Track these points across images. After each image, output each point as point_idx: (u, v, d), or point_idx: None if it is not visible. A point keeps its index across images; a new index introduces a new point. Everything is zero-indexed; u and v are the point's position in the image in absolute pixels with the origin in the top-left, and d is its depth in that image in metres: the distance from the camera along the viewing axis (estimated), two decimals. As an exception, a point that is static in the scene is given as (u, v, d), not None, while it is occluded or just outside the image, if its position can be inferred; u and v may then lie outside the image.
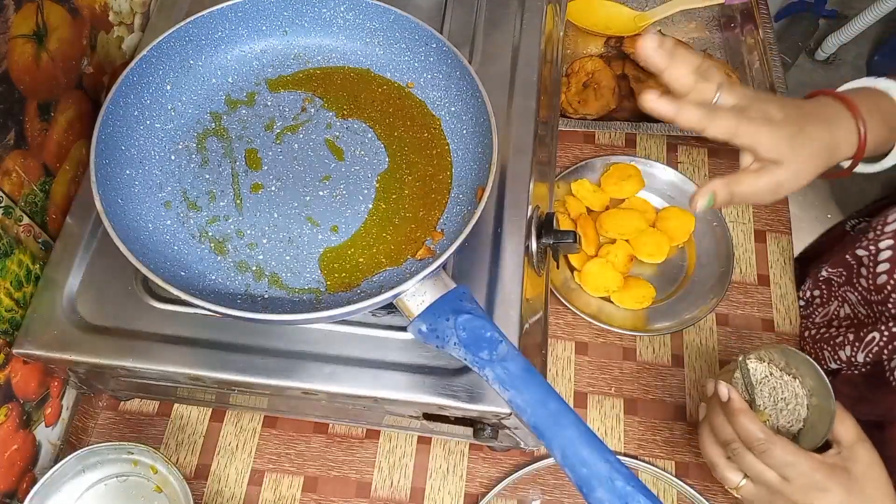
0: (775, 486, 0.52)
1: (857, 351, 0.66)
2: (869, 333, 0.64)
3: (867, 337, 0.65)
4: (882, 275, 0.64)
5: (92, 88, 0.64)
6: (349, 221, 0.55)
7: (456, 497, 0.66)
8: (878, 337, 0.63)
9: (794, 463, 0.51)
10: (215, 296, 0.51)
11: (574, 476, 0.42)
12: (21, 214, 0.57)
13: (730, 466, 0.55)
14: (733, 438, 0.54)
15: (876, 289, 0.65)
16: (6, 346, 0.55)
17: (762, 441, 0.52)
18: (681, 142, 0.85)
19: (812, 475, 0.51)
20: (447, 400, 0.52)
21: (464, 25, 0.67)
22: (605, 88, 0.83)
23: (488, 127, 0.53)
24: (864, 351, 0.65)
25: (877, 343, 0.63)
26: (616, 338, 0.74)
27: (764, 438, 0.52)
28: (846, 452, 0.53)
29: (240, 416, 0.69)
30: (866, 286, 0.67)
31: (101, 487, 0.61)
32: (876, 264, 0.65)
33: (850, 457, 0.53)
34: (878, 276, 0.64)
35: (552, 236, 0.57)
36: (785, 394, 0.59)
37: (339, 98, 0.61)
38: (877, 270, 0.65)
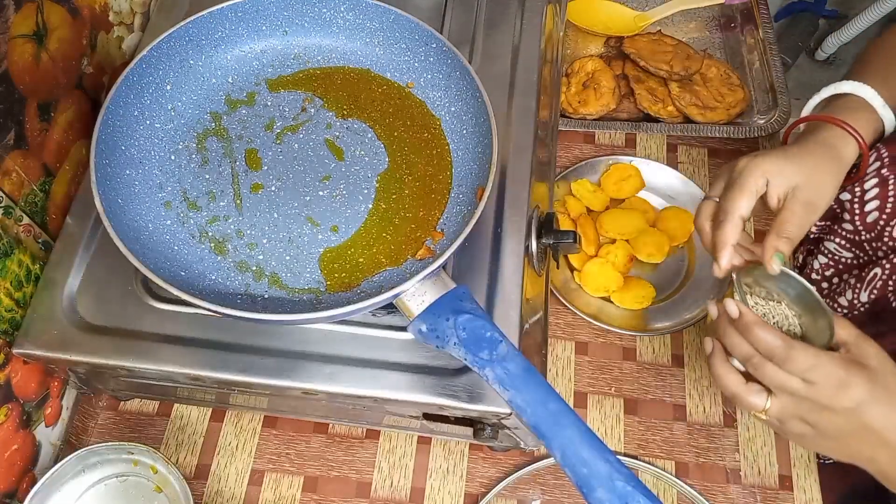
0: (801, 392, 0.51)
1: (860, 291, 0.67)
2: (871, 271, 0.65)
3: (869, 275, 0.66)
4: (873, 212, 0.66)
5: (92, 88, 0.64)
6: (349, 221, 0.55)
7: (456, 497, 0.66)
8: (881, 272, 0.64)
9: (816, 364, 0.50)
10: (215, 296, 0.51)
11: (574, 476, 0.42)
12: (21, 214, 0.57)
13: (751, 390, 0.53)
14: (752, 353, 0.52)
15: (866, 227, 0.67)
16: (6, 346, 0.55)
17: (782, 348, 0.51)
18: (681, 142, 0.85)
19: (836, 373, 0.50)
20: (447, 400, 0.52)
21: (464, 25, 0.67)
22: (605, 88, 0.83)
23: (488, 127, 0.53)
24: (867, 290, 0.66)
25: (879, 278, 0.64)
26: (616, 338, 0.74)
27: (784, 345, 0.51)
28: (855, 350, 0.52)
29: (240, 416, 0.69)
30: (852, 228, 0.68)
31: (101, 487, 0.61)
32: (863, 204, 0.67)
33: (860, 353, 0.52)
34: (868, 214, 0.66)
35: (552, 236, 0.57)
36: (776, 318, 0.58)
37: (339, 98, 0.61)
38: (865, 210, 0.66)
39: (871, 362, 0.51)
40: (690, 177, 0.81)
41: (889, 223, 0.65)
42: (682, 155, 0.84)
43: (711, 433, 0.69)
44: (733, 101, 0.84)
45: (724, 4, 0.91)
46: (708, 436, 0.69)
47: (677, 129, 0.83)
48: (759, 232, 0.80)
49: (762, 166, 0.57)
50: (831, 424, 0.51)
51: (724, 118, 0.83)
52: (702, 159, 0.84)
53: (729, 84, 0.85)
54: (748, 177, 0.57)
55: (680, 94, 0.83)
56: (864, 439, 0.51)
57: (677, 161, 0.84)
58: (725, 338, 0.55)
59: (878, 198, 0.65)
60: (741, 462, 0.68)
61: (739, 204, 0.56)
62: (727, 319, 0.54)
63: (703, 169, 0.84)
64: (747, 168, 0.57)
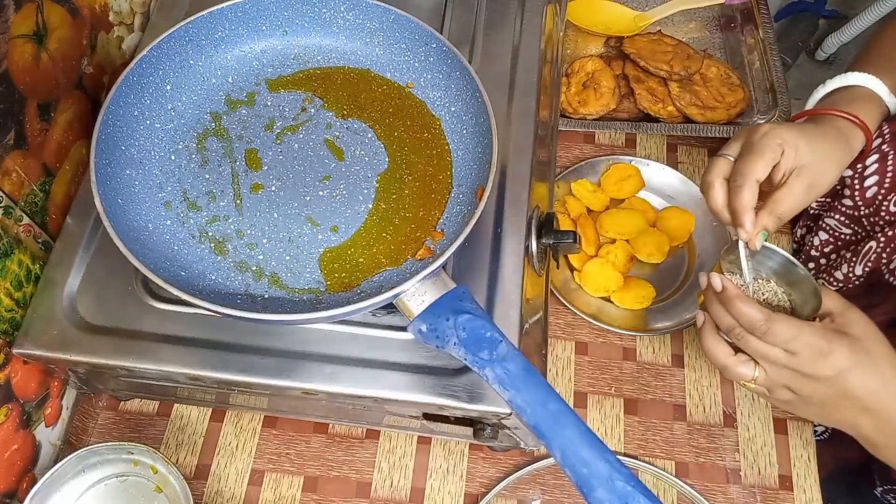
0: (783, 362, 0.52)
1: (855, 265, 0.68)
2: (866, 244, 0.67)
3: (864, 248, 0.67)
4: (872, 187, 0.67)
5: (92, 88, 0.64)
6: (349, 221, 0.55)
7: (456, 497, 0.66)
8: (875, 245, 0.66)
9: (797, 335, 0.51)
10: (215, 296, 0.51)
11: (574, 476, 0.42)
12: (21, 214, 0.57)
13: (739, 361, 0.55)
14: (735, 325, 0.54)
15: (865, 202, 0.68)
16: (6, 346, 0.55)
17: (762, 321, 0.52)
18: (681, 142, 0.85)
19: (817, 342, 0.51)
20: (447, 400, 0.52)
21: (464, 25, 0.67)
22: (605, 88, 0.83)
23: (488, 127, 0.53)
24: (861, 263, 0.67)
25: (874, 251, 0.66)
26: (616, 338, 0.74)
27: (763, 318, 0.52)
28: (839, 319, 0.53)
29: (240, 416, 0.69)
30: (852, 204, 0.70)
31: (101, 487, 0.61)
32: (863, 179, 0.68)
33: (845, 322, 0.53)
34: (867, 189, 0.67)
35: (552, 236, 0.57)
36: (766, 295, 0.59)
37: (339, 98, 0.61)
38: (864, 185, 0.68)
39: (855, 330, 0.52)
40: (690, 177, 0.81)
41: (887, 197, 0.66)
42: (682, 155, 0.84)
43: (711, 433, 0.69)
44: (733, 101, 0.84)
45: (724, 4, 0.91)
46: (708, 436, 0.69)
47: (677, 129, 0.83)
48: (759, 232, 0.80)
49: (782, 135, 0.57)
50: (815, 392, 0.53)
51: (724, 118, 0.83)
52: (702, 159, 0.84)
53: (729, 84, 0.85)
54: (769, 142, 0.57)
55: (680, 94, 0.83)
56: (847, 405, 0.52)
57: (677, 161, 0.84)
58: (711, 310, 0.56)
59: (877, 173, 0.66)
60: (741, 462, 0.68)
61: (758, 168, 0.56)
62: (712, 292, 0.56)
63: (703, 169, 0.83)
64: (768, 134, 0.57)
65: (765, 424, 0.70)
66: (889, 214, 0.66)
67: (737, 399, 0.71)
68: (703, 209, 0.78)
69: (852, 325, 0.53)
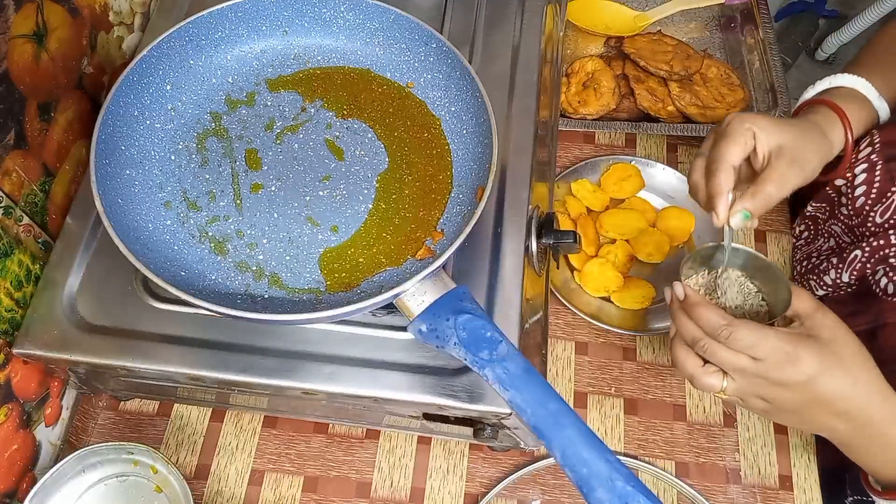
0: (750, 369, 0.51)
1: (842, 272, 0.68)
2: (852, 253, 0.67)
3: (850, 256, 0.67)
4: (860, 197, 0.67)
5: (92, 88, 0.64)
6: (349, 221, 0.55)
7: (456, 497, 0.66)
8: (860, 254, 0.66)
9: (760, 341, 0.50)
10: (215, 296, 0.51)
11: (574, 476, 0.42)
12: (21, 214, 0.57)
13: (708, 371, 0.54)
14: (699, 335, 0.53)
15: (856, 212, 0.68)
16: (6, 346, 0.55)
17: (724, 326, 0.51)
18: (681, 142, 0.85)
19: (782, 347, 0.50)
20: (447, 400, 0.52)
21: (464, 25, 0.67)
22: (605, 88, 0.83)
23: (488, 127, 0.53)
24: (847, 270, 0.67)
25: (859, 260, 0.66)
26: (616, 338, 0.74)
27: (725, 323, 0.51)
28: (808, 322, 0.52)
29: (240, 416, 0.69)
30: (847, 213, 0.70)
31: (101, 487, 0.61)
32: (854, 188, 0.68)
33: (812, 325, 0.52)
34: (857, 199, 0.67)
35: (552, 236, 0.57)
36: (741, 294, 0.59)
37: (339, 98, 0.61)
38: (855, 195, 0.68)
39: (824, 333, 0.51)
40: (690, 177, 0.80)
41: (873, 208, 0.66)
42: (682, 155, 0.84)
43: (711, 433, 0.69)
44: (733, 101, 0.84)
45: (724, 4, 0.91)
46: (708, 436, 0.69)
47: (677, 129, 0.83)
48: (760, 232, 0.80)
49: (748, 120, 0.57)
50: (786, 399, 0.52)
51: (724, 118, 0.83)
52: (702, 159, 0.84)
53: (729, 84, 0.85)
54: (736, 127, 0.57)
55: (680, 94, 0.83)
56: (821, 410, 0.52)
57: (677, 161, 0.84)
58: (676, 320, 0.55)
59: (864, 182, 0.67)
60: (741, 462, 0.68)
61: (730, 150, 0.56)
62: (678, 304, 0.55)
63: (703, 169, 0.83)
64: (734, 120, 0.57)
65: (765, 424, 0.69)
66: (874, 225, 0.66)
67: (737, 399, 0.71)
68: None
69: (821, 328, 0.52)
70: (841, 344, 0.51)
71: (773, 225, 0.80)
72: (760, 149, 0.57)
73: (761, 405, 0.53)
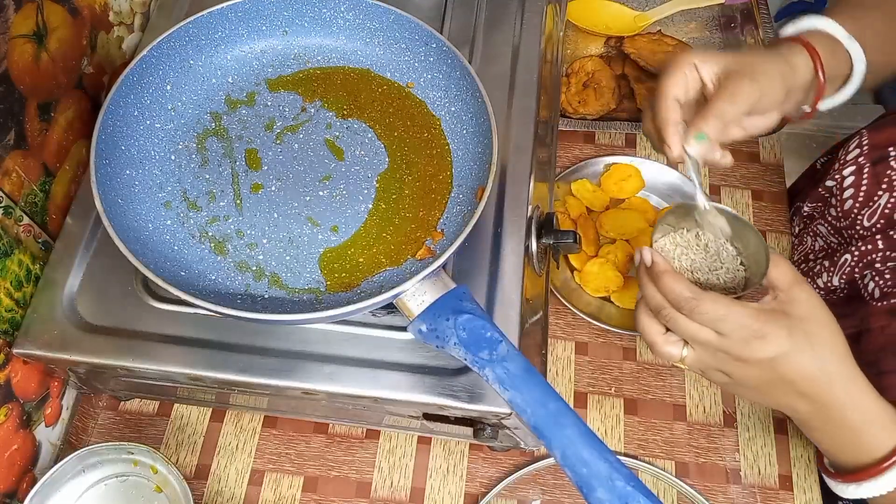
0: (714, 343, 0.49)
1: (833, 275, 0.67)
2: (842, 256, 0.66)
3: (840, 260, 0.66)
4: (848, 200, 0.66)
5: (92, 88, 0.64)
6: (349, 221, 0.55)
7: (456, 497, 0.66)
8: (850, 258, 0.65)
9: (726, 316, 0.48)
10: (215, 296, 0.51)
11: (574, 476, 0.42)
12: (21, 214, 0.57)
13: (669, 340, 0.52)
14: (663, 304, 0.51)
15: (844, 214, 0.67)
16: (6, 346, 0.55)
17: (689, 299, 0.49)
18: (681, 142, 0.85)
19: (749, 324, 0.48)
20: (447, 400, 0.52)
21: (464, 25, 0.67)
22: (605, 88, 0.83)
23: (488, 127, 0.53)
24: (838, 274, 0.67)
25: (848, 264, 0.65)
26: (616, 338, 0.74)
27: (690, 296, 0.49)
28: (783, 296, 0.50)
29: (240, 416, 0.69)
30: (835, 215, 0.69)
31: (101, 487, 0.61)
32: (842, 191, 0.67)
33: (787, 300, 0.49)
34: (845, 202, 0.67)
35: (552, 236, 0.57)
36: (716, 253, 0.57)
37: (339, 98, 0.61)
38: (843, 197, 0.67)
39: (798, 310, 0.49)
40: (690, 177, 0.80)
41: (861, 211, 0.65)
42: (682, 155, 0.84)
43: (711, 433, 0.69)
44: (733, 101, 0.84)
45: (724, 4, 0.91)
46: (708, 436, 0.69)
47: (677, 129, 0.83)
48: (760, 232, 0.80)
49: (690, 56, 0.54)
50: (747, 375, 0.50)
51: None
52: (702, 159, 0.84)
53: (729, 84, 0.85)
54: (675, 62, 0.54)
55: (680, 94, 0.83)
56: (783, 389, 0.50)
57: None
58: (642, 286, 0.53)
59: (853, 185, 0.66)
60: (741, 462, 0.68)
61: (670, 82, 0.54)
62: (644, 268, 0.53)
63: (703, 169, 0.83)
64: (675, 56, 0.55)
65: (765, 424, 0.69)
66: (863, 229, 0.65)
67: (737, 399, 0.71)
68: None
69: (796, 304, 0.49)
70: (814, 322, 0.49)
71: (773, 225, 0.80)
72: (707, 76, 0.54)
73: (721, 378, 0.52)
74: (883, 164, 0.64)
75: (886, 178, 0.64)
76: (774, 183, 0.83)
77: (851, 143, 0.68)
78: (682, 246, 0.57)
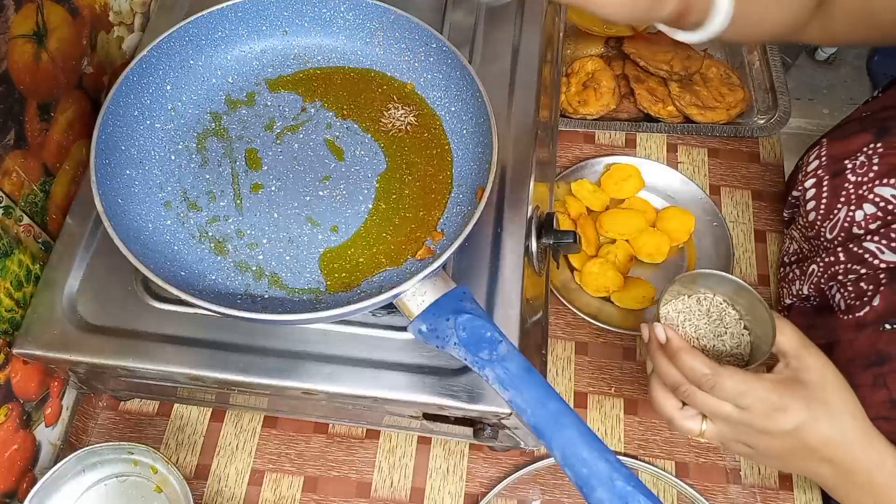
0: (735, 418, 0.50)
1: (803, 284, 0.68)
2: (809, 266, 0.67)
3: (808, 269, 0.67)
4: (811, 212, 0.67)
5: (92, 88, 0.64)
6: (349, 221, 0.55)
7: (456, 497, 0.66)
8: (816, 268, 0.65)
9: (746, 390, 0.49)
10: (215, 296, 0.51)
11: (574, 476, 0.42)
12: (21, 214, 0.57)
13: (686, 415, 0.52)
14: (681, 381, 0.51)
15: (809, 225, 0.68)
16: (6, 346, 0.55)
17: (709, 376, 0.49)
18: (681, 142, 0.85)
19: (768, 397, 0.49)
20: (447, 400, 0.52)
21: (464, 25, 0.67)
22: (605, 88, 0.83)
23: (488, 127, 0.53)
24: (807, 283, 0.67)
25: (815, 274, 0.65)
26: (616, 338, 0.74)
27: (710, 373, 0.49)
28: (794, 363, 0.51)
29: (240, 416, 0.69)
30: (803, 224, 0.69)
31: (101, 487, 0.61)
32: (805, 203, 0.68)
33: (799, 367, 0.50)
34: (809, 213, 0.67)
35: (552, 236, 0.57)
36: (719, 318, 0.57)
37: (339, 98, 0.61)
38: (807, 208, 0.67)
39: (811, 377, 0.50)
40: (690, 177, 0.81)
41: (823, 223, 0.65)
42: (682, 155, 0.84)
43: (711, 433, 0.69)
44: (733, 101, 0.84)
45: (724, 4, 0.91)
46: (708, 436, 0.69)
47: (677, 129, 0.83)
48: (760, 232, 0.80)
49: None
50: (770, 446, 0.51)
51: (724, 118, 0.83)
52: (702, 159, 0.84)
53: (729, 84, 0.85)
54: None
55: (680, 94, 0.83)
56: (807, 456, 0.51)
57: (677, 161, 0.84)
58: (656, 363, 0.54)
59: (814, 198, 0.66)
60: (741, 462, 0.68)
61: None
62: (656, 344, 0.53)
63: (703, 169, 0.84)
64: None
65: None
66: (826, 241, 0.65)
67: (737, 399, 0.71)
68: (703, 209, 0.78)
69: (808, 371, 0.50)
70: (828, 389, 0.50)
71: (773, 225, 0.80)
72: None
73: (743, 449, 0.52)
74: (840, 178, 0.64)
75: (844, 191, 0.63)
76: (774, 183, 0.83)
77: (812, 154, 0.67)
78: (685, 312, 0.58)
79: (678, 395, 0.52)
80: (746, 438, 0.51)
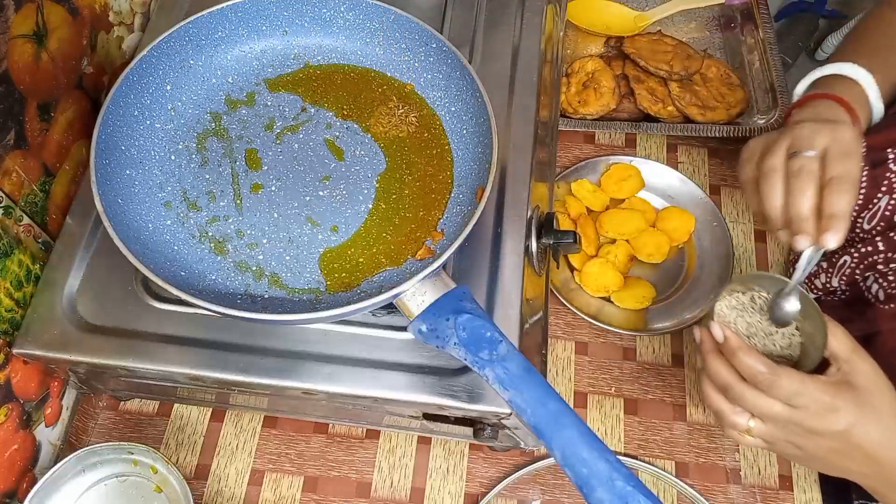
0: (785, 417, 0.51)
1: (832, 277, 0.67)
2: (841, 258, 0.66)
3: (839, 261, 0.66)
4: None
5: (92, 88, 0.64)
6: (349, 221, 0.55)
7: (456, 497, 0.66)
8: (850, 260, 0.65)
9: (802, 390, 0.50)
10: (215, 296, 0.51)
11: (574, 476, 0.42)
12: (21, 214, 0.57)
13: (735, 410, 0.54)
14: (731, 383, 0.53)
15: None
16: (6, 346, 0.55)
17: (766, 375, 0.51)
18: (681, 142, 0.85)
19: (822, 398, 0.50)
20: (447, 400, 0.52)
21: (464, 25, 0.67)
22: (605, 88, 0.83)
23: (488, 127, 0.53)
24: (837, 275, 0.67)
25: (848, 266, 0.65)
26: (616, 338, 0.74)
27: (768, 372, 0.51)
28: (845, 367, 0.52)
29: (240, 416, 0.69)
30: None
31: (101, 487, 0.61)
32: None
33: (850, 370, 0.52)
34: None
35: (552, 236, 0.57)
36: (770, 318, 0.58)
37: (339, 98, 0.61)
38: None
39: (860, 381, 0.51)
40: (690, 177, 0.80)
41: (860, 214, 0.65)
42: (682, 155, 0.84)
43: (711, 433, 0.69)
44: (733, 101, 0.84)
45: (724, 4, 0.91)
46: (708, 436, 0.69)
47: (677, 129, 0.83)
48: (759, 232, 0.80)
49: None
50: (819, 446, 0.52)
51: (724, 118, 0.83)
52: (702, 159, 0.84)
53: (729, 84, 0.85)
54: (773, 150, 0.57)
55: (680, 94, 0.83)
56: (854, 458, 0.52)
57: (677, 161, 0.84)
58: (708, 363, 0.55)
59: None
60: (741, 462, 0.68)
61: None
62: (710, 345, 0.55)
63: (703, 169, 0.84)
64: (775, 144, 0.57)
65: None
66: (862, 231, 0.65)
67: (737, 399, 0.71)
68: (703, 209, 0.78)
69: (858, 375, 0.51)
70: (878, 393, 0.51)
71: (773, 225, 0.80)
72: None
73: (791, 450, 0.53)
74: (882, 167, 0.64)
75: (886, 180, 0.64)
76: (774, 183, 0.83)
77: None
78: (738, 309, 0.59)
79: (728, 395, 0.53)
80: (795, 438, 0.52)
